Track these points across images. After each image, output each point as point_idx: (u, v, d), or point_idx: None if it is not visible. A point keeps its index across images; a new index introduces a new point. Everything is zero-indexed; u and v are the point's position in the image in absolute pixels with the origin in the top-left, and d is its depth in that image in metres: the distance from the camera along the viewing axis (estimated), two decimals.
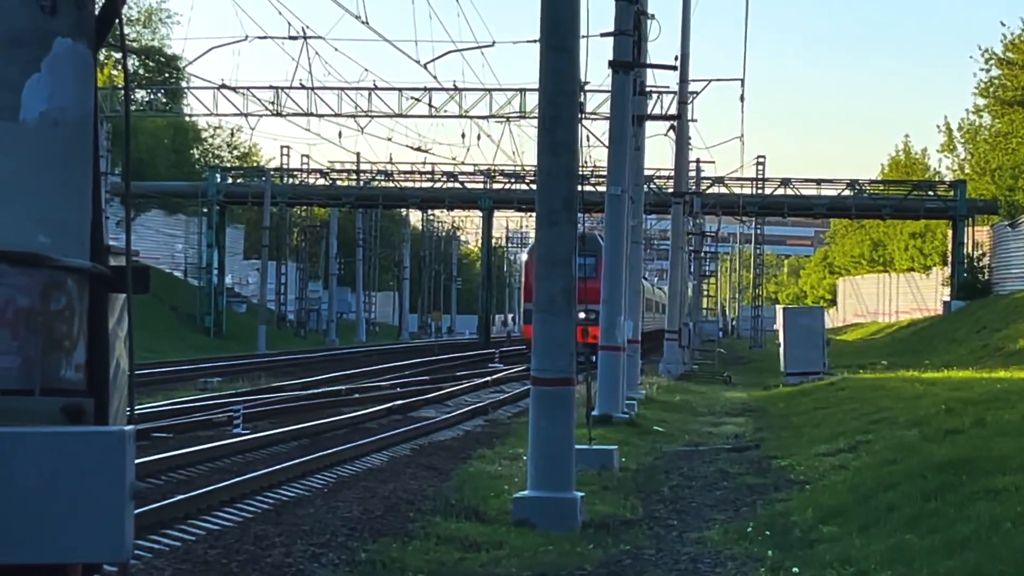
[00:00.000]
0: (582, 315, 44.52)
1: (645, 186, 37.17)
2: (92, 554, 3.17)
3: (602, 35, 22.99)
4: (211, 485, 14.13)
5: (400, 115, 53.77)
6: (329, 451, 17.79)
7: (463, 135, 57.31)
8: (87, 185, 3.43)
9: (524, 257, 64.04)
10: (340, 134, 56.28)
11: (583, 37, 14.74)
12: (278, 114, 52.65)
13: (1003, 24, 60.19)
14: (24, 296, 3.22)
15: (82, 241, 3.39)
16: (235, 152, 78.87)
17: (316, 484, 15.63)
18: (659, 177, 58.77)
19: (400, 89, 53.29)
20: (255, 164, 76.88)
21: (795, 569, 9.99)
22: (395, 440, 20.57)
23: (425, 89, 51.64)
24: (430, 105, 53.17)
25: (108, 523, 3.14)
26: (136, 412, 3.66)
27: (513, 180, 66.60)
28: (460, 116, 54.10)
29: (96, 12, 3.48)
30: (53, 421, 3.21)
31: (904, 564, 9.30)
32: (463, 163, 61.82)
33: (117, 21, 3.57)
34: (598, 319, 33.15)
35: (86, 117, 3.38)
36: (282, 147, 73.47)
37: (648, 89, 31.99)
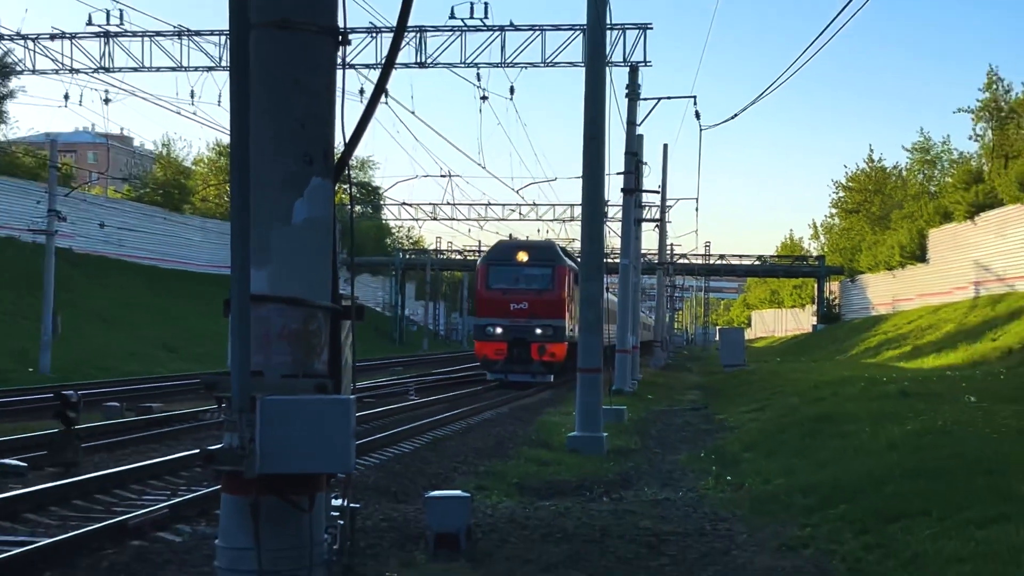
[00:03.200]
0: (538, 330, 39.65)
1: (642, 259, 52.29)
2: (333, 467, 5.25)
3: (617, 173, 35.72)
4: (397, 428, 22.35)
5: (501, 219, 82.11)
6: (462, 409, 28.32)
7: (538, 231, 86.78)
8: (328, 259, 5.54)
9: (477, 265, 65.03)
10: (469, 230, 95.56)
11: (607, 175, 22.61)
12: (434, 218, 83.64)
13: (844, 167, 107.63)
14: (295, 323, 5.33)
15: (326, 291, 5.50)
16: (410, 240, 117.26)
17: (455, 429, 23.86)
18: (650, 253, 74.75)
19: (503, 204, 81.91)
20: (421, 248, 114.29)
21: (728, 476, 15.77)
22: (499, 403, 31.84)
23: (516, 205, 79.80)
24: (520, 214, 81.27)
25: (341, 450, 5.15)
26: (356, 387, 5.97)
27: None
28: (536, 220, 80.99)
29: (334, 162, 5.59)
30: (310, 392, 5.22)
31: (790, 475, 14.56)
32: None
33: (346, 167, 5.85)
34: (558, 335, 39.31)
35: (328, 221, 5.48)
36: (436, 237, 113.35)
37: (644, 204, 47.43)
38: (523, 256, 41.27)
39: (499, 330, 40.10)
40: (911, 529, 10.00)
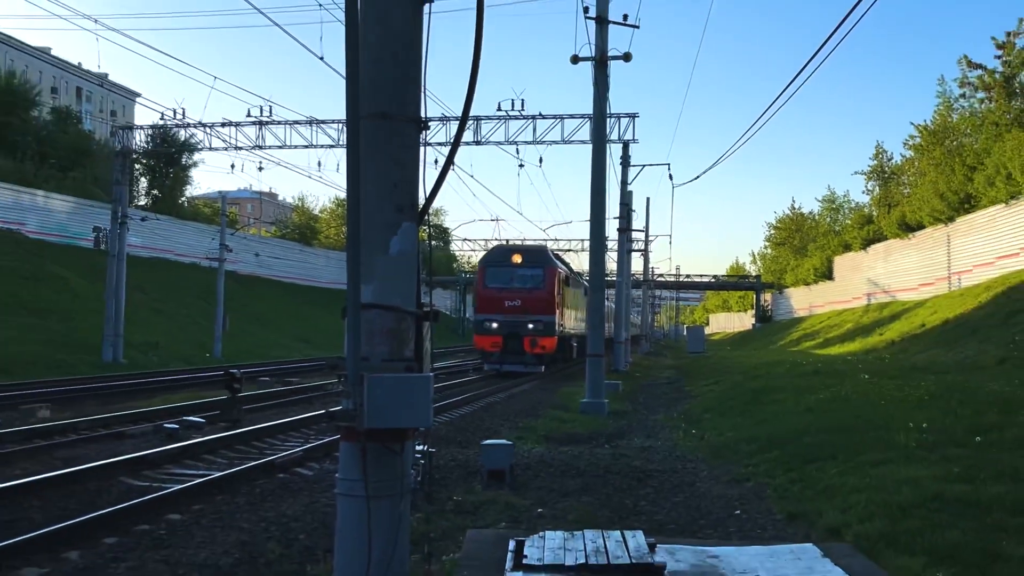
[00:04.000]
0: (531, 325, 32.73)
1: (631, 278, 49.11)
2: (417, 423, 5.18)
3: (614, 218, 36.24)
4: (461, 396, 22.60)
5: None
6: (507, 382, 28.50)
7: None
8: (415, 278, 5.52)
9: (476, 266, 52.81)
10: None
11: (607, 219, 22.20)
12: (486, 250, 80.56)
13: (774, 212, 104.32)
14: (391, 323, 5.36)
15: (413, 301, 5.46)
16: (469, 264, 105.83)
17: (501, 397, 24.00)
18: (637, 274, 72.00)
19: (534, 240, 77.09)
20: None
21: (693, 431, 15.61)
22: (531, 379, 30.87)
23: (544, 240, 70.20)
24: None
25: (423, 411, 5.12)
26: (433, 368, 5.89)
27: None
28: (556, 251, 78.00)
29: (418, 210, 5.59)
30: (401, 372, 5.27)
31: (737, 430, 14.49)
32: None
33: (426, 214, 5.74)
34: (548, 329, 32.80)
35: (414, 252, 5.49)
36: None
37: (633, 239, 45.74)
38: (517, 259, 34.99)
39: (495, 325, 33.56)
40: (823, 468, 9.93)
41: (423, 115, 5.65)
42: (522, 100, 32.43)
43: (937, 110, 51.32)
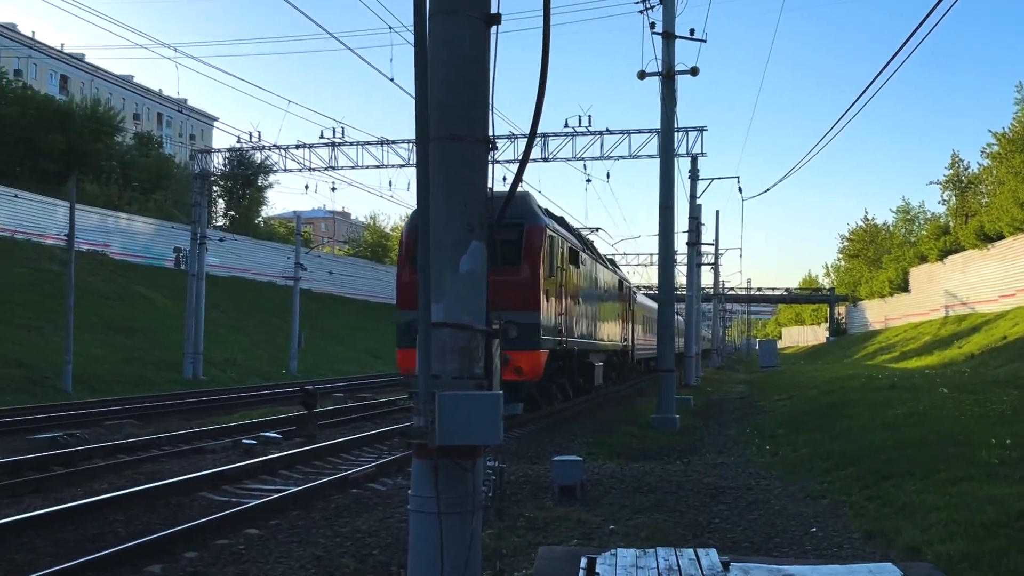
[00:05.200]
0: (515, 332, 16.30)
1: (701, 291, 47.07)
2: (488, 440, 5.14)
3: (683, 231, 34.96)
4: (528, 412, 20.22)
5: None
6: (583, 399, 25.11)
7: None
8: (484, 296, 5.53)
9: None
10: None
11: (676, 233, 22.19)
12: None
13: (847, 224, 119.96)
14: (461, 341, 5.37)
15: (482, 319, 5.49)
16: None
17: (570, 414, 22.14)
18: (707, 288, 71.56)
19: (602, 254, 76.27)
20: None
21: (767, 446, 15.39)
22: (605, 396, 27.83)
23: (611, 255, 75.87)
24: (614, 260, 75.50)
25: (493, 427, 5.08)
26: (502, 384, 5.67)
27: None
28: (625, 265, 74.20)
29: (487, 229, 5.55)
30: (471, 389, 5.26)
31: (812, 445, 14.14)
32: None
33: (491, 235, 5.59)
34: (528, 336, 16.60)
35: (483, 271, 5.50)
36: None
37: (702, 252, 44.33)
38: None
39: None
40: (901, 485, 9.67)
41: (491, 134, 5.69)
42: (589, 116, 32.50)
43: (1016, 117, 50.05)
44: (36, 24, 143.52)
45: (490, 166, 5.85)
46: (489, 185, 5.81)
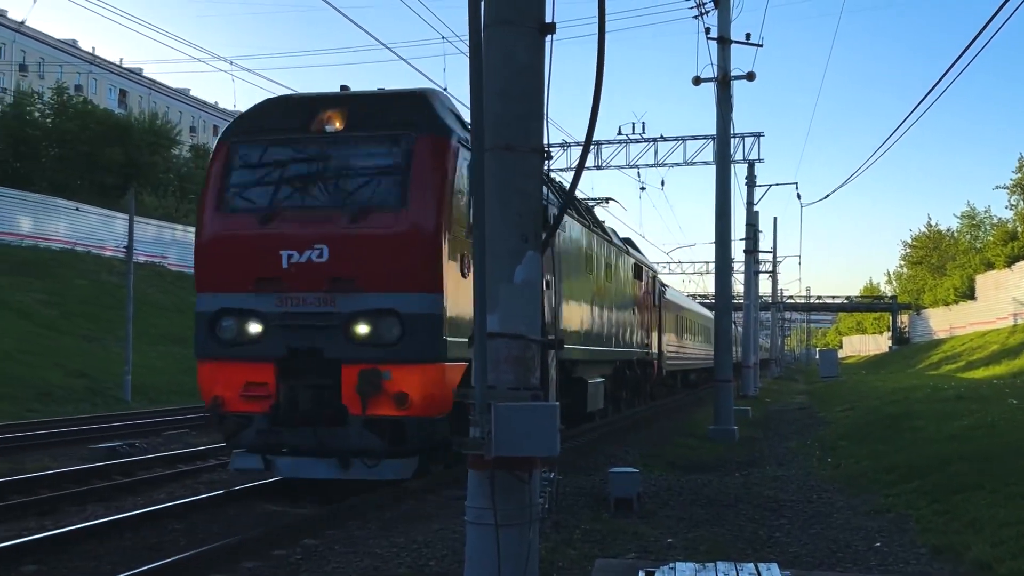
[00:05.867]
0: (361, 327, 9.74)
1: (759, 300, 47.63)
2: (544, 451, 5.16)
3: (740, 239, 34.47)
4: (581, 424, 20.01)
5: (656, 274, 77.08)
6: (626, 411, 24.48)
7: (682, 281, 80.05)
8: (539, 306, 5.56)
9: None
10: None
11: (732, 240, 21.37)
12: None
13: (909, 230, 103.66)
14: (516, 351, 5.43)
15: (537, 329, 5.52)
16: None
17: (622, 425, 21.63)
18: (765, 296, 71.01)
19: (657, 263, 78.30)
20: None
21: (828, 459, 15.15)
22: (660, 408, 27.89)
23: (666, 263, 72.08)
24: (669, 269, 74.10)
25: (550, 439, 5.11)
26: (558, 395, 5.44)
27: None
28: (681, 274, 75.19)
29: (542, 239, 5.65)
30: (527, 400, 5.27)
31: (875, 458, 13.89)
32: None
33: (550, 243, 5.96)
34: (413, 342, 9.76)
35: (537, 280, 5.57)
36: None
37: (760, 260, 44.63)
38: (332, 119, 10.31)
39: (253, 328, 10.10)
40: (970, 499, 9.45)
41: (546, 144, 5.71)
42: (643, 123, 32.32)
43: None
44: (96, 40, 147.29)
45: (544, 175, 5.88)
46: (544, 195, 5.85)
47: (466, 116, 9.05)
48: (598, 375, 17.71)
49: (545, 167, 5.91)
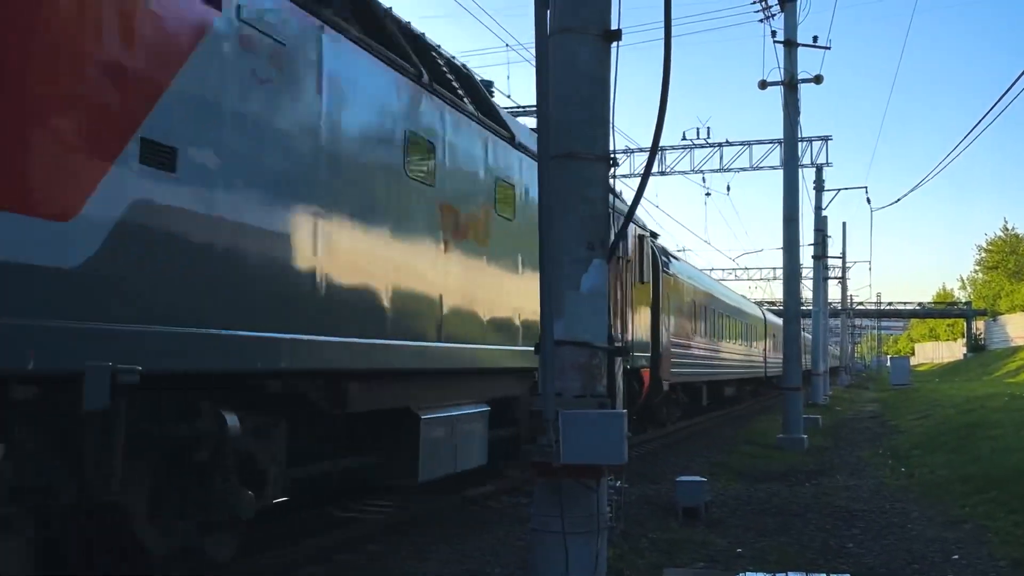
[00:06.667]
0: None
1: (828, 307, 46.53)
2: (611, 460, 5.22)
3: (808, 244, 33.97)
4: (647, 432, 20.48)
5: (721, 280, 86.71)
6: (696, 419, 25.23)
7: (748, 288, 77.39)
8: (605, 313, 5.61)
9: None
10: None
11: (800, 246, 20.89)
12: None
13: (984, 234, 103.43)
14: (583, 359, 5.48)
15: (604, 336, 5.55)
16: None
17: (688, 433, 22.28)
18: (835, 302, 70.01)
19: (723, 269, 73.79)
20: None
21: (902, 468, 14.84)
22: (722, 415, 28.02)
23: (732, 269, 73.03)
24: (736, 276, 73.94)
25: (617, 447, 5.13)
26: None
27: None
28: (748, 280, 76.07)
29: (608, 246, 5.67)
30: (594, 408, 5.34)
31: (950, 467, 13.68)
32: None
33: (616, 250, 5.87)
34: None
35: (604, 287, 5.59)
36: None
37: (829, 266, 43.81)
38: None
39: None
40: None
41: (611, 150, 5.73)
42: (708, 128, 32.18)
43: None
44: None
45: (610, 183, 5.89)
46: (609, 203, 5.85)
47: None
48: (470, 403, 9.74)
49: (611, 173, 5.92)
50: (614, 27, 5.55)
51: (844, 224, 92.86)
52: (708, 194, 34.66)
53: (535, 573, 5.48)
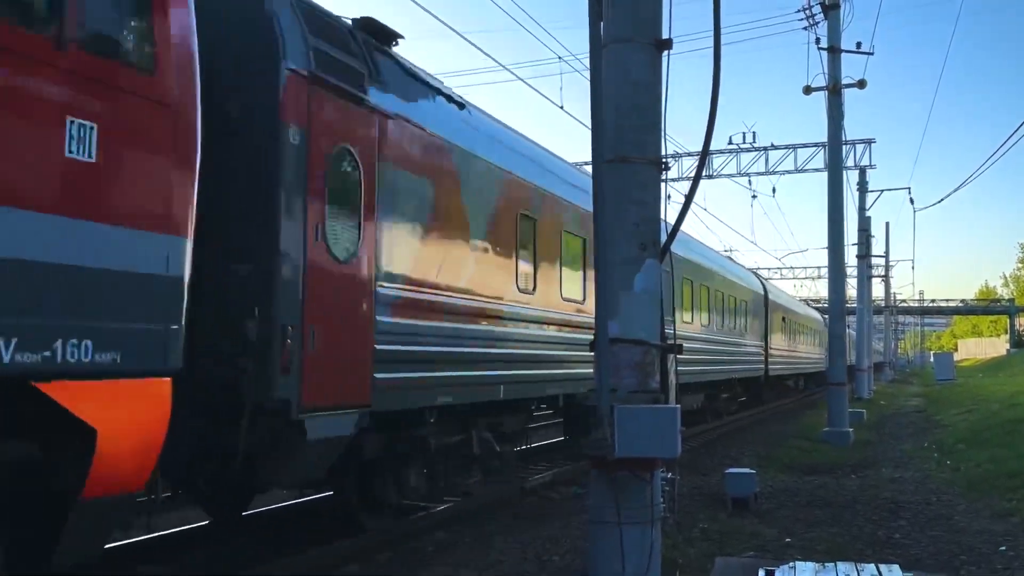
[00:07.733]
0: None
1: (872, 304, 44.51)
2: (665, 453, 5.17)
3: (852, 244, 32.59)
4: (698, 425, 20.60)
5: (767, 279, 72.17)
6: (750, 412, 26.05)
7: (794, 286, 74.04)
8: (658, 312, 5.52)
9: None
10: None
11: (845, 245, 20.75)
12: None
13: None
14: (637, 356, 5.40)
15: (657, 334, 5.50)
16: None
17: (736, 426, 22.29)
18: (878, 300, 67.46)
19: (768, 268, 68.03)
20: None
21: (947, 462, 14.54)
22: (769, 408, 28.44)
23: (778, 268, 68.99)
24: (781, 275, 69.24)
25: (670, 441, 5.10)
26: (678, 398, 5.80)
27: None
28: (793, 279, 72.95)
29: (660, 247, 5.57)
30: (648, 403, 5.31)
31: (996, 462, 13.19)
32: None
33: (667, 251, 5.69)
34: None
35: (657, 287, 5.53)
36: None
37: (873, 264, 41.90)
38: None
39: None
40: None
41: (663, 155, 5.67)
42: (753, 132, 31.78)
43: None
44: None
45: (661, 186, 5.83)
46: (661, 205, 5.80)
47: None
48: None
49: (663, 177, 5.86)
50: (664, 36, 5.50)
51: (887, 224, 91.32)
52: (754, 196, 34.27)
53: (592, 562, 5.45)
